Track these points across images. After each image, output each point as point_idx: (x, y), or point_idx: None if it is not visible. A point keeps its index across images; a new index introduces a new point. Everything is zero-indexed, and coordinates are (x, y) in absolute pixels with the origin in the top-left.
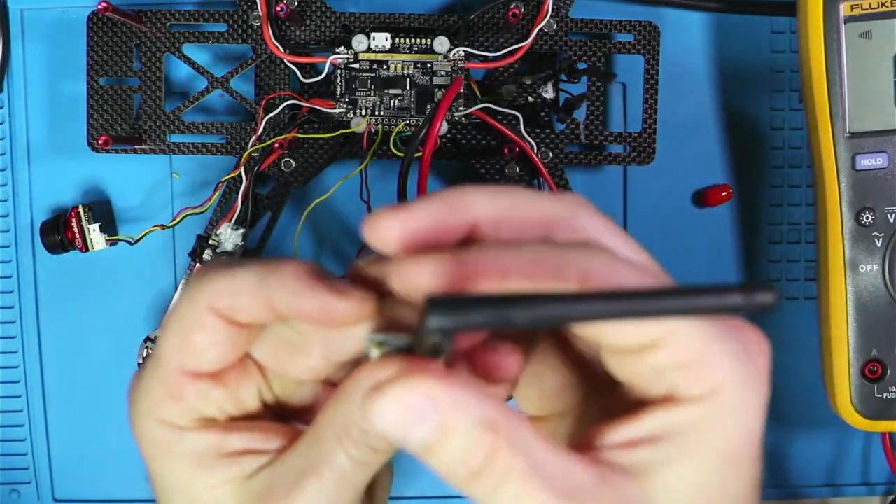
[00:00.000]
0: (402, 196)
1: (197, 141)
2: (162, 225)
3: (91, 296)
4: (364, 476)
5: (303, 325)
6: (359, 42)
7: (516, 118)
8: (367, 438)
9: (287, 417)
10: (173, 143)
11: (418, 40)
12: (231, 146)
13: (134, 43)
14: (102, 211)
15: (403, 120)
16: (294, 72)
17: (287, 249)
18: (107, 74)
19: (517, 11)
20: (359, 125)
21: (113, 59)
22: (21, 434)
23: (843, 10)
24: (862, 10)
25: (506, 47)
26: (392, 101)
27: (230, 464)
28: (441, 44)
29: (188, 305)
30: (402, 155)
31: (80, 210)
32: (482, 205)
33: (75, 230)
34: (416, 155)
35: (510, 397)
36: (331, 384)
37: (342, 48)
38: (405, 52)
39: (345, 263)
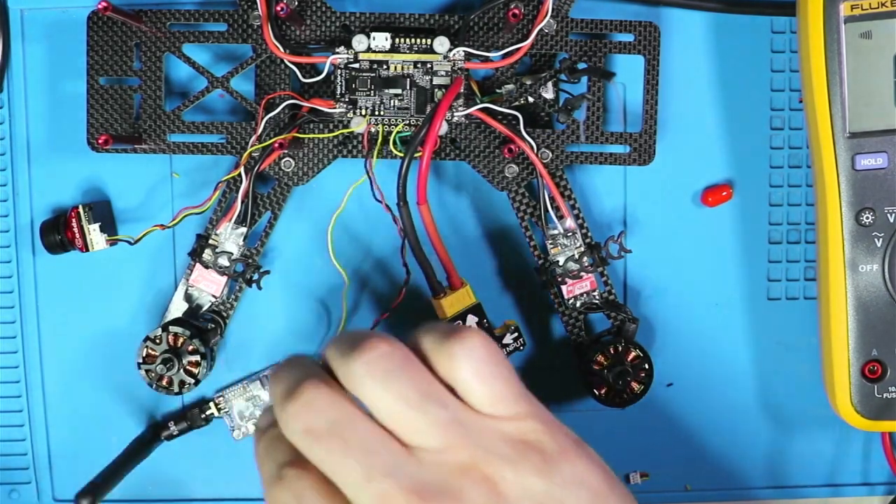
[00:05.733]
0: (401, 196)
1: (197, 141)
2: (162, 225)
3: (91, 296)
4: None
5: None
6: (359, 42)
7: (516, 118)
8: None
9: None
10: (173, 143)
11: (418, 40)
12: (231, 146)
13: (134, 43)
14: (102, 211)
15: (403, 120)
16: (294, 72)
17: (287, 249)
18: (107, 74)
19: (517, 11)
20: (359, 125)
21: (113, 58)
22: (21, 434)
23: (843, 10)
24: (862, 10)
25: (506, 47)
26: (392, 101)
27: None
28: (441, 44)
29: None
30: (402, 155)
31: (80, 210)
32: None
33: (75, 230)
34: (416, 155)
35: None
36: None
37: (342, 48)
38: (405, 52)
39: (343, 261)
